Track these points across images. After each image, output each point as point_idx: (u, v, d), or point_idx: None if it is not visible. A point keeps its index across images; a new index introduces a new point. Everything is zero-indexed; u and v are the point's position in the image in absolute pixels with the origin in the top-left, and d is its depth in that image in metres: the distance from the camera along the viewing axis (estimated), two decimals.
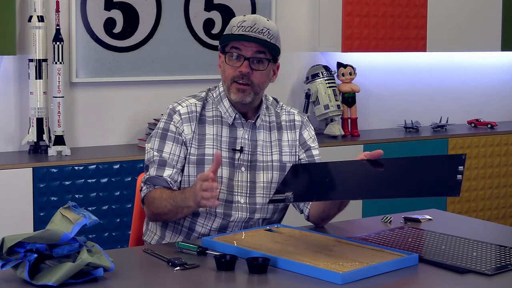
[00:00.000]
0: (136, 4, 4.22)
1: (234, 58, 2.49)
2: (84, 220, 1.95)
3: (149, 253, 2.21)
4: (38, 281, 1.90)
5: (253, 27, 2.47)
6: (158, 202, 2.44)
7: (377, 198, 2.39)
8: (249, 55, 2.47)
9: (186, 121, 2.53)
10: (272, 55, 2.51)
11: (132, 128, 4.27)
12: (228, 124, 2.54)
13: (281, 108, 2.67)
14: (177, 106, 2.56)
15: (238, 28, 2.48)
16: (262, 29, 2.47)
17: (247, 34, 2.46)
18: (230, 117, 2.55)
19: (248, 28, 2.47)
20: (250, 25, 2.48)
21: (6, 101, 3.97)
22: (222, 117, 2.55)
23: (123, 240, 3.78)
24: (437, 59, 5.26)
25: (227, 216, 2.50)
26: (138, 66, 4.26)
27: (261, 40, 2.46)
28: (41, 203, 3.63)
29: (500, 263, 2.15)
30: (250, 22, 2.48)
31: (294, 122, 2.65)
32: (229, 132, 2.54)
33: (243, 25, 2.48)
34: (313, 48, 4.81)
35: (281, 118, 2.64)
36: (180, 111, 2.54)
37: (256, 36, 2.45)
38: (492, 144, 4.97)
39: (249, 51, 2.47)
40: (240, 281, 2.01)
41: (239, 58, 2.48)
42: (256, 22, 2.48)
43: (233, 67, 2.49)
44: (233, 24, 2.51)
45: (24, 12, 3.92)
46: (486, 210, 4.97)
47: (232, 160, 2.51)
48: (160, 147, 2.53)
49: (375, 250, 2.20)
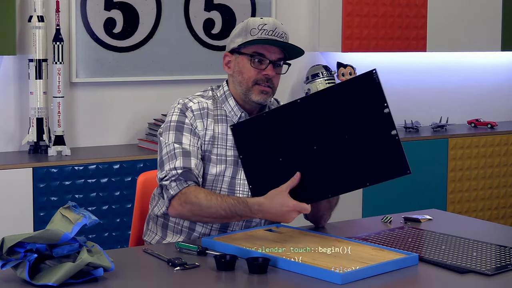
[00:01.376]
0: (136, 4, 4.22)
1: (257, 61, 2.50)
2: (84, 220, 1.95)
3: (149, 253, 2.21)
4: (38, 281, 1.90)
5: (275, 31, 2.50)
6: (205, 205, 2.36)
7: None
8: (273, 58, 2.50)
9: (199, 118, 2.52)
10: (288, 59, 2.55)
11: (132, 128, 4.27)
12: (233, 123, 2.54)
13: None
14: (188, 102, 2.54)
15: (260, 31, 2.49)
16: (282, 33, 2.51)
17: (273, 38, 2.48)
18: (236, 116, 2.55)
19: (270, 32, 2.49)
20: (271, 28, 2.50)
21: (6, 101, 3.97)
22: (227, 116, 2.56)
23: (123, 240, 3.78)
24: (437, 59, 5.26)
25: None
26: (138, 66, 4.26)
27: (290, 45, 2.50)
28: (41, 203, 3.63)
29: (500, 263, 2.15)
30: (271, 26, 2.50)
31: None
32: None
33: (264, 28, 2.49)
34: (313, 48, 4.81)
35: None
36: (192, 107, 2.53)
37: (282, 41, 2.49)
38: (492, 144, 4.98)
39: (273, 56, 2.50)
40: (240, 281, 2.01)
41: (262, 62, 2.50)
42: (276, 26, 2.51)
43: (256, 69, 2.50)
44: (251, 26, 2.51)
45: (24, 12, 3.93)
46: (486, 210, 4.97)
47: (236, 158, 2.51)
48: (178, 139, 2.48)
49: (375, 250, 2.20)
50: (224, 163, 2.50)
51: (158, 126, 4.01)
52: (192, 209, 2.40)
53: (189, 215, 2.44)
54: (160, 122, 4.04)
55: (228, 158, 2.51)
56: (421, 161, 4.67)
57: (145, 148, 4.10)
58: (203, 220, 2.44)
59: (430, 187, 4.74)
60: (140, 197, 2.78)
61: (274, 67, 2.51)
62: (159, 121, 4.14)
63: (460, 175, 4.86)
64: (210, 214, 2.38)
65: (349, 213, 4.23)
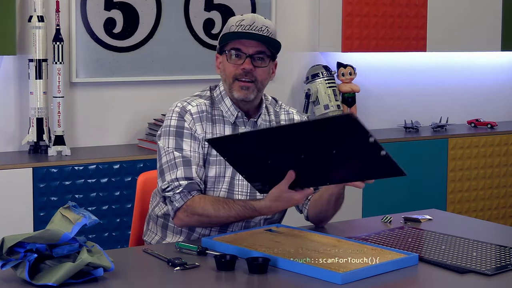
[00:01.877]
0: (136, 4, 4.22)
1: (235, 57, 2.49)
2: (84, 220, 1.95)
3: (149, 253, 2.21)
4: (38, 281, 1.90)
5: (252, 25, 2.48)
6: (213, 215, 2.38)
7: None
8: (251, 52, 2.48)
9: (198, 121, 2.51)
10: (271, 52, 2.52)
11: (132, 128, 4.27)
12: (230, 123, 2.54)
13: (280, 107, 2.67)
14: (187, 106, 2.53)
15: (237, 27, 2.48)
16: (261, 27, 2.48)
17: (248, 32, 2.46)
18: (232, 115, 2.54)
19: (247, 26, 2.48)
20: (249, 23, 2.48)
21: (6, 101, 3.97)
22: (224, 116, 2.55)
23: (123, 240, 3.78)
24: (437, 59, 5.26)
25: None
26: (138, 66, 4.26)
27: (262, 36, 2.47)
28: (41, 203, 3.63)
29: (500, 263, 2.15)
30: (249, 21, 2.49)
31: (294, 122, 2.65)
32: (232, 131, 2.54)
33: (242, 23, 2.48)
34: (313, 48, 4.81)
35: (280, 118, 2.64)
36: (191, 111, 2.51)
37: (257, 33, 2.46)
38: (492, 144, 4.97)
39: (250, 49, 2.48)
40: (240, 281, 2.01)
41: (240, 57, 2.49)
42: (254, 20, 2.49)
43: (235, 65, 2.49)
44: (231, 23, 2.51)
45: (24, 12, 3.92)
46: (486, 210, 4.97)
47: None
48: (179, 145, 2.47)
49: (375, 250, 2.20)
50: (223, 163, 2.50)
51: (158, 126, 4.01)
52: (200, 219, 2.42)
53: (197, 225, 2.47)
54: (160, 122, 4.04)
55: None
56: (421, 161, 4.67)
57: (145, 148, 4.10)
58: (216, 225, 2.47)
59: (430, 187, 4.74)
60: (140, 197, 2.78)
61: (255, 61, 2.48)
62: (159, 121, 4.14)
63: (460, 175, 4.86)
64: (219, 223, 2.43)
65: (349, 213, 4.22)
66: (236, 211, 2.37)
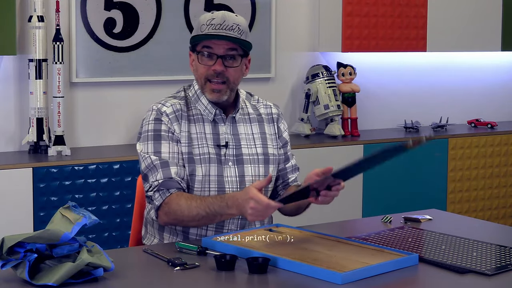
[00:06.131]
0: (136, 4, 4.22)
1: (206, 57, 2.49)
2: (84, 220, 1.95)
3: (149, 253, 2.21)
4: (38, 281, 1.90)
5: (223, 24, 2.47)
6: (186, 210, 2.38)
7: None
8: (221, 53, 2.48)
9: (174, 120, 2.52)
10: (244, 50, 2.52)
11: (132, 128, 4.27)
12: (209, 120, 2.55)
13: (257, 101, 2.68)
14: (162, 107, 2.54)
15: (208, 26, 2.48)
16: (232, 25, 2.48)
17: (217, 33, 2.46)
18: (210, 113, 2.55)
19: (217, 25, 2.47)
20: (219, 22, 2.47)
21: (6, 101, 3.97)
22: (202, 115, 2.55)
23: (123, 240, 3.78)
24: (437, 59, 5.26)
25: None
26: (138, 66, 4.26)
27: (232, 37, 2.46)
28: (41, 203, 3.63)
29: (500, 263, 2.15)
30: (219, 20, 2.48)
31: (272, 115, 2.67)
32: (212, 129, 2.54)
33: (212, 23, 2.48)
34: (313, 48, 4.81)
35: (260, 111, 2.66)
36: (166, 111, 2.53)
37: (226, 34, 2.45)
38: (492, 144, 4.98)
39: (220, 49, 2.48)
40: (240, 281, 2.01)
41: (211, 57, 2.49)
42: (225, 19, 2.48)
43: (206, 66, 2.49)
44: (202, 22, 2.51)
45: (24, 12, 3.93)
46: (486, 210, 4.97)
47: (219, 156, 2.51)
48: (157, 149, 2.49)
49: (375, 250, 2.20)
50: (207, 161, 2.49)
51: None
52: (176, 217, 2.42)
53: (176, 223, 2.46)
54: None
55: (211, 156, 2.50)
56: (421, 161, 4.67)
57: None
58: (189, 224, 2.45)
59: (430, 187, 4.74)
60: (140, 197, 2.78)
61: (226, 60, 2.48)
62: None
63: (460, 175, 4.86)
64: (193, 218, 2.39)
65: (349, 213, 4.23)
66: (207, 203, 2.35)
